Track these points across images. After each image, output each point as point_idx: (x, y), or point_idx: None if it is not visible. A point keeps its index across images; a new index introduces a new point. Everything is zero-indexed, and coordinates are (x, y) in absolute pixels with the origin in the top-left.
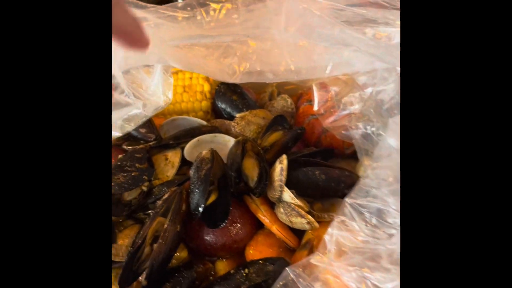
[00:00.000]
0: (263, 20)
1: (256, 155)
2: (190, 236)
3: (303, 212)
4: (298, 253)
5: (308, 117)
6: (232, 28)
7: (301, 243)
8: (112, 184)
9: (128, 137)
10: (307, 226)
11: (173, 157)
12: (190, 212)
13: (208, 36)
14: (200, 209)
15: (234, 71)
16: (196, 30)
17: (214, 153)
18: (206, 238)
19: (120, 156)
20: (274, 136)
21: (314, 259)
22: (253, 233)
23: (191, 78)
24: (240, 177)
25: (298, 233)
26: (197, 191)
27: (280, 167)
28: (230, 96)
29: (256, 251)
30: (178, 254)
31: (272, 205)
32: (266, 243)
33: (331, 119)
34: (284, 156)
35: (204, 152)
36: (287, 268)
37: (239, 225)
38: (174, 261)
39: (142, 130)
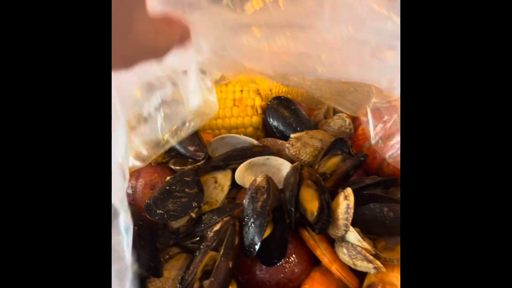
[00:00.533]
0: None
1: (315, 185)
2: (241, 270)
3: (370, 257)
4: None
5: (368, 141)
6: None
7: (363, 285)
8: (161, 211)
9: (174, 155)
10: (372, 271)
11: (223, 179)
12: (243, 247)
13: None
14: (256, 247)
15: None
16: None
17: (269, 181)
18: (259, 274)
19: (168, 178)
20: (333, 162)
21: None
22: (309, 270)
23: (241, 91)
24: (297, 208)
25: (359, 273)
26: (253, 225)
27: (346, 204)
28: (282, 113)
29: None
30: None
31: (331, 240)
32: (324, 283)
33: (390, 152)
34: (349, 191)
35: (259, 180)
36: None
37: (295, 261)
38: None
39: (191, 148)
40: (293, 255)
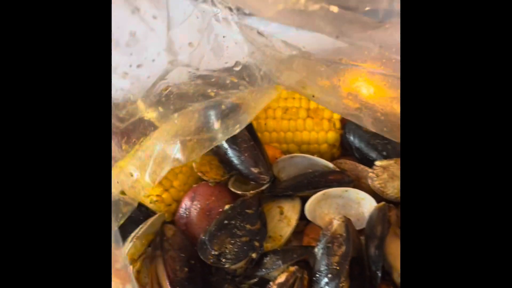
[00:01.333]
0: None
1: None
2: None
3: None
4: None
5: None
6: None
7: None
8: (217, 253)
9: (234, 174)
10: None
11: (290, 211)
12: None
13: None
14: None
15: None
16: None
17: (349, 228)
18: None
19: (227, 208)
20: None
21: None
22: None
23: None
24: (383, 267)
25: None
26: (327, 286)
27: None
28: (366, 131)
29: None
30: None
31: None
32: None
33: None
34: None
35: (336, 224)
36: None
37: None
38: None
39: (255, 170)
40: None
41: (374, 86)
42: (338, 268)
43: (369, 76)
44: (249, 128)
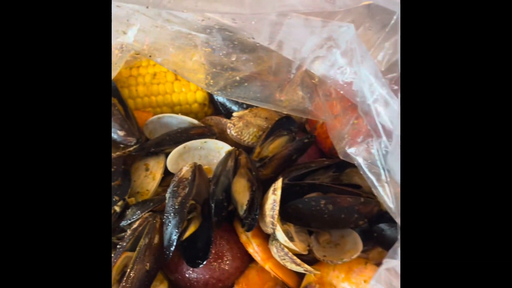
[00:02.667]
0: None
1: (249, 174)
2: (170, 269)
3: (298, 261)
4: None
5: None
6: None
7: (301, 284)
8: None
9: None
10: (304, 272)
11: (155, 167)
12: (162, 247)
13: None
14: (172, 249)
15: None
16: None
17: (197, 171)
18: (186, 274)
19: None
20: (278, 144)
21: None
22: (243, 268)
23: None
24: (229, 200)
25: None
26: (170, 224)
27: (273, 199)
28: None
29: None
30: (156, 287)
31: (267, 236)
32: (259, 281)
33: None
34: (278, 184)
35: (184, 170)
36: None
37: (226, 260)
38: None
39: (121, 133)
40: (225, 253)
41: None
42: (179, 207)
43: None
44: (115, 94)
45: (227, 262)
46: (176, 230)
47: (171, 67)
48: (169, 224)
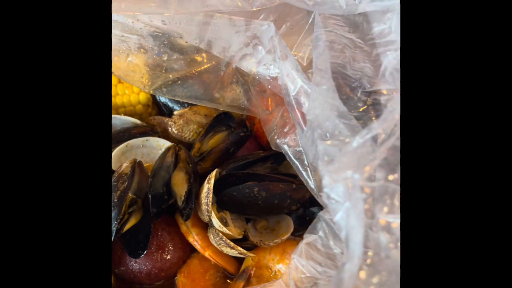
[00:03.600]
0: None
1: (187, 167)
2: (114, 262)
3: (231, 244)
4: (234, 284)
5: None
6: None
7: (240, 269)
8: None
9: None
10: (239, 256)
11: None
12: None
13: None
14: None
15: None
16: None
17: (136, 167)
18: (130, 265)
19: None
20: (217, 139)
21: None
22: (185, 258)
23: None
24: (170, 194)
25: (238, 257)
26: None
27: (207, 188)
28: None
29: (188, 279)
30: None
31: (206, 226)
32: (201, 270)
33: (275, 120)
34: (212, 174)
35: (124, 166)
36: None
37: (167, 250)
38: None
39: None
40: (166, 243)
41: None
42: (117, 201)
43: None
44: None
45: (169, 252)
46: (115, 222)
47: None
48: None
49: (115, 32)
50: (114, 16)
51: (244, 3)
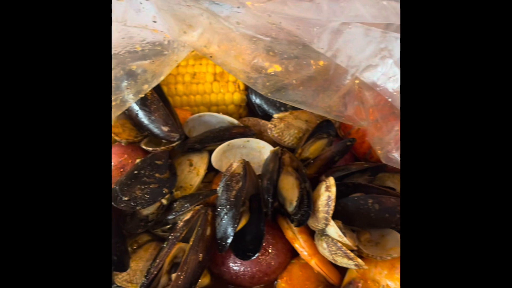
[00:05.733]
0: None
1: (295, 172)
2: (214, 262)
3: (351, 254)
4: None
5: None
6: None
7: (343, 280)
8: (127, 198)
9: (148, 134)
10: (354, 267)
11: (199, 163)
12: (216, 239)
13: None
14: (229, 241)
15: None
16: None
17: (246, 167)
18: (232, 266)
19: (137, 161)
20: (318, 146)
21: None
22: (286, 263)
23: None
24: (275, 197)
25: (340, 267)
26: (226, 217)
27: (327, 196)
28: None
29: (289, 285)
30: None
31: (311, 232)
32: (302, 277)
33: (389, 136)
34: (331, 181)
35: (235, 165)
36: None
37: (271, 254)
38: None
39: (165, 128)
40: (270, 247)
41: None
42: (234, 200)
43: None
44: (158, 91)
45: (273, 256)
46: (233, 222)
47: (230, 70)
48: (225, 217)
49: (248, 32)
50: (251, 20)
51: (392, 17)
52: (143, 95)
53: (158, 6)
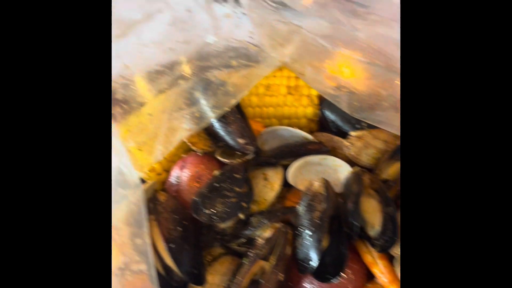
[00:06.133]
0: None
1: (377, 195)
2: (291, 280)
3: None
4: None
5: None
6: None
7: None
8: (209, 212)
9: (222, 145)
10: None
11: (274, 177)
12: (296, 259)
13: None
14: (312, 264)
15: None
16: None
17: (328, 188)
18: (307, 287)
19: (216, 173)
20: (395, 168)
21: None
22: (363, 286)
23: (297, 77)
24: (355, 219)
25: None
26: (309, 238)
27: None
28: None
29: None
30: None
31: (390, 257)
32: None
33: None
34: None
35: (316, 185)
36: None
37: (348, 277)
38: None
39: (241, 141)
40: (348, 270)
41: (356, 72)
42: (319, 222)
43: (353, 62)
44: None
45: (350, 280)
46: (317, 245)
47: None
48: (307, 238)
49: (343, 51)
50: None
51: None
52: (228, 109)
53: (254, 22)
